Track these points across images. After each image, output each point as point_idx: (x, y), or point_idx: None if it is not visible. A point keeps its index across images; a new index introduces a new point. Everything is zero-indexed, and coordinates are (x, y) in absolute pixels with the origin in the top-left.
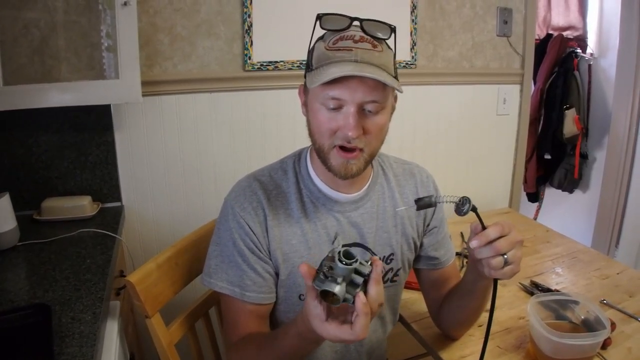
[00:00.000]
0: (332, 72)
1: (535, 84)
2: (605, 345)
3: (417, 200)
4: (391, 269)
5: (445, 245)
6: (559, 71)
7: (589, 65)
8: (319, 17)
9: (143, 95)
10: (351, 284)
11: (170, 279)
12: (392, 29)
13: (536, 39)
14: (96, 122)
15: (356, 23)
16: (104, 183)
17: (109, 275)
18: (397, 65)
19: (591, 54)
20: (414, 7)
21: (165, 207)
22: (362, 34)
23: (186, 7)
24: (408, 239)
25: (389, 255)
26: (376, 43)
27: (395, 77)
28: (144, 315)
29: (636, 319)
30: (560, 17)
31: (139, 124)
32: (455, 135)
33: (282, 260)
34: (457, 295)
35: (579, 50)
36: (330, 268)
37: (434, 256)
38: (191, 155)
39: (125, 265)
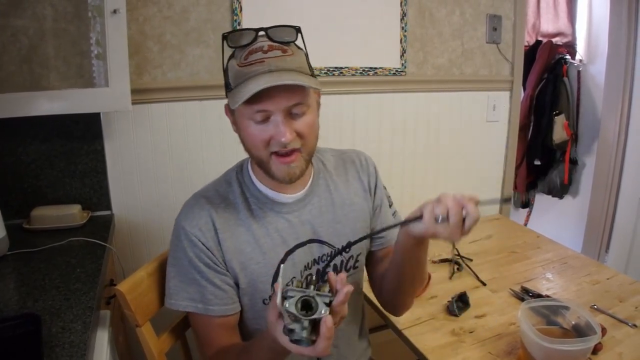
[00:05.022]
0: (250, 89)
1: (524, 90)
2: (596, 350)
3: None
4: (351, 256)
5: (389, 224)
6: (548, 77)
7: (578, 72)
8: (224, 36)
9: (133, 104)
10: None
11: (161, 288)
12: (297, 30)
13: (525, 46)
14: (85, 130)
15: (262, 33)
16: (94, 191)
17: (99, 284)
18: (383, 69)
19: (580, 60)
20: (403, 15)
21: (155, 216)
22: (270, 43)
23: (176, 15)
24: (362, 224)
25: (347, 244)
26: (285, 48)
27: (312, 75)
28: (135, 324)
29: (627, 323)
30: (550, 23)
31: (128, 133)
32: (445, 142)
33: (240, 269)
34: (393, 265)
35: (568, 57)
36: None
37: (380, 236)
38: (181, 164)
39: (116, 274)
